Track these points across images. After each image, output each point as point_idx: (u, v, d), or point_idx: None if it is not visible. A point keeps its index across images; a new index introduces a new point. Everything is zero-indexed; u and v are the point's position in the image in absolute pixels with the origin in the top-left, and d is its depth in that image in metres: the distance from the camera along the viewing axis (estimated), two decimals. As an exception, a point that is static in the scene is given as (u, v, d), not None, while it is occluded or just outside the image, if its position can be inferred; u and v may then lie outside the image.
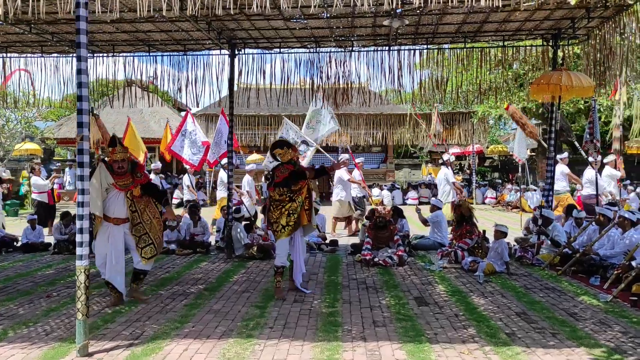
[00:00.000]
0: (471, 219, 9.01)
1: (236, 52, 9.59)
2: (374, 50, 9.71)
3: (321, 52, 9.69)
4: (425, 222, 10.24)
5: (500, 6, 5.96)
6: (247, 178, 13.15)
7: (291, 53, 9.73)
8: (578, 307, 6.03)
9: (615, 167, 12.43)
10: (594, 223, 8.34)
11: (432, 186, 22.75)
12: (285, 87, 9.87)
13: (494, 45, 9.89)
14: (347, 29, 8.76)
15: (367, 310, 5.93)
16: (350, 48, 9.61)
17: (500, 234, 8.13)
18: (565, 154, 13.15)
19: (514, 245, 9.43)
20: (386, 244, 8.95)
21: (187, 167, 13.18)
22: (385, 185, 22.43)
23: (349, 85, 10.06)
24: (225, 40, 9.22)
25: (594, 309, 5.92)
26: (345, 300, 6.39)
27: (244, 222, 9.90)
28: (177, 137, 12.82)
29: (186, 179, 13.50)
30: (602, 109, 18.12)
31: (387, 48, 9.63)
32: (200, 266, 8.66)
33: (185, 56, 9.91)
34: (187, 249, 9.79)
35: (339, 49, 9.66)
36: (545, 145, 13.83)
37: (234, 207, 9.65)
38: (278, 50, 9.65)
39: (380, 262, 8.49)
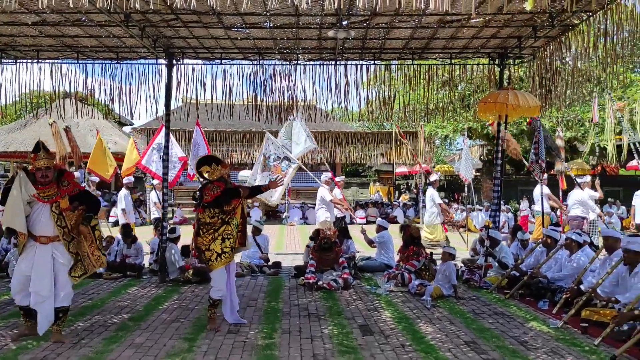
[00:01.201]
0: (419, 240, 8.71)
1: (174, 62, 9.02)
2: (319, 64, 9.38)
3: (265, 64, 9.28)
4: (371, 242, 9.89)
5: (449, 20, 5.71)
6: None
7: (233, 64, 9.27)
8: (528, 334, 5.76)
9: (592, 188, 12.37)
10: (541, 245, 8.20)
11: (379, 205, 22.59)
12: (228, 101, 9.39)
13: (441, 63, 9.74)
14: (291, 40, 8.39)
15: (307, 341, 5.45)
16: (296, 61, 9.24)
17: (448, 256, 7.85)
18: (545, 176, 13.15)
19: (461, 267, 9.19)
20: (331, 266, 8.52)
21: (156, 182, 12.40)
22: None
23: (294, 101, 9.67)
24: (162, 49, 8.65)
25: (545, 336, 5.66)
26: (284, 330, 5.89)
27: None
28: (147, 151, 12.04)
29: (153, 196, 12.66)
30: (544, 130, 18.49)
31: (333, 62, 9.32)
32: (128, 292, 7.95)
33: (118, 65, 9.26)
34: (117, 273, 9.03)
35: (284, 62, 9.27)
36: (526, 164, 13.86)
37: (169, 227, 8.99)
38: (219, 61, 9.16)
39: (325, 285, 8.03)
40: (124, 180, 12.91)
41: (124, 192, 12.48)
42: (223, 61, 9.15)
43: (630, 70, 8.05)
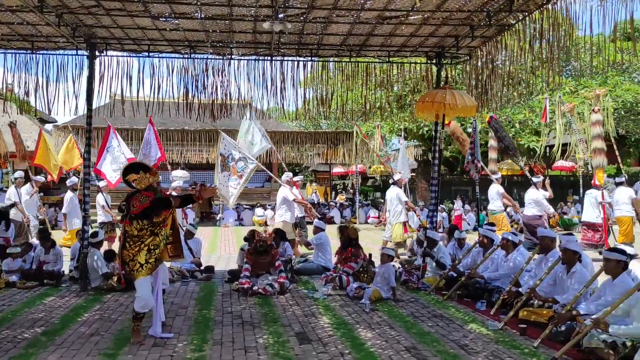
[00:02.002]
0: (357, 242, 8.51)
1: (97, 54, 8.38)
2: (255, 60, 8.99)
3: (196, 58, 8.78)
4: (308, 244, 9.61)
5: (387, 17, 5.51)
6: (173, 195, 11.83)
7: (162, 58, 8.72)
8: (468, 337, 5.65)
9: (543, 187, 12.53)
10: (477, 245, 8.19)
11: (316, 205, 22.38)
12: (157, 97, 8.85)
13: (378, 61, 9.59)
14: (225, 33, 7.97)
15: (240, 352, 5.09)
16: (229, 56, 8.81)
17: (387, 257, 7.68)
18: (499, 174, 13.24)
19: (399, 268, 9.07)
20: (267, 270, 8.16)
21: (103, 184, 11.58)
22: (269, 205, 21.67)
23: (228, 97, 9.24)
24: (83, 39, 8.01)
25: (485, 339, 5.56)
26: (216, 340, 5.49)
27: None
28: (102, 154, 11.19)
29: (100, 198, 11.79)
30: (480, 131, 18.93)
31: (269, 58, 8.96)
32: (44, 302, 7.26)
33: (34, 55, 8.50)
34: (32, 281, 8.28)
35: (217, 57, 8.82)
36: (483, 168, 13.92)
37: (90, 231, 8.34)
38: (147, 54, 8.59)
39: (260, 290, 7.67)
40: (68, 183, 12.08)
41: (69, 194, 11.60)
42: (151, 54, 8.60)
43: (557, 74, 8.15)
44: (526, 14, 7.05)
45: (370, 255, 8.70)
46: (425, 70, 9.87)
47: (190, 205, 19.26)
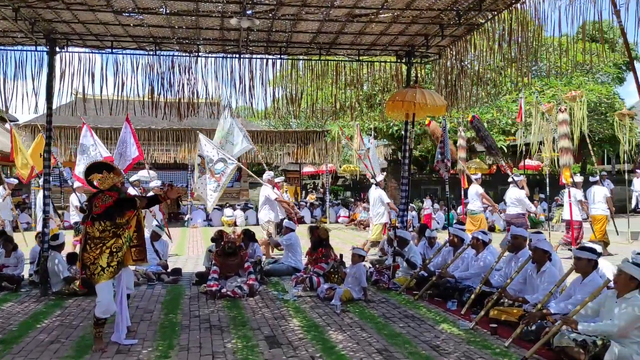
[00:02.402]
0: (327, 242, 8.41)
1: (57, 50, 8.07)
2: (222, 57, 8.80)
3: (162, 55, 8.55)
4: (277, 245, 9.48)
5: (357, 14, 5.42)
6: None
7: (126, 54, 8.45)
8: (440, 337, 5.60)
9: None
10: (448, 244, 8.18)
11: (286, 205, 22.21)
12: (120, 94, 8.57)
13: (348, 60, 9.50)
14: (191, 29, 7.76)
15: (208, 358, 4.94)
16: (196, 53, 8.60)
17: (358, 257, 7.60)
18: (479, 175, 13.23)
19: (369, 268, 9.01)
20: (236, 272, 7.99)
21: (77, 185, 11.19)
22: (238, 205, 21.46)
23: (196, 96, 9.02)
24: (42, 35, 7.70)
25: (456, 339, 5.52)
26: (182, 346, 5.32)
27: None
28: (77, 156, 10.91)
29: (74, 199, 11.40)
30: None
31: (237, 56, 8.78)
32: (2, 308, 6.95)
33: (-11, 50, 8.15)
34: (-10, 286, 7.94)
35: (183, 54, 8.60)
36: (462, 166, 13.90)
37: (51, 234, 8.03)
38: (110, 50, 8.32)
39: (229, 293, 7.50)
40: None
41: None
42: (114, 50, 8.32)
43: (524, 74, 8.22)
44: (495, 13, 7.06)
45: (341, 255, 8.62)
46: (395, 69, 9.84)
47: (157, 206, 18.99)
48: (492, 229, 17.47)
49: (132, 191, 11.26)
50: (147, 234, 11.00)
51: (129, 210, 5.30)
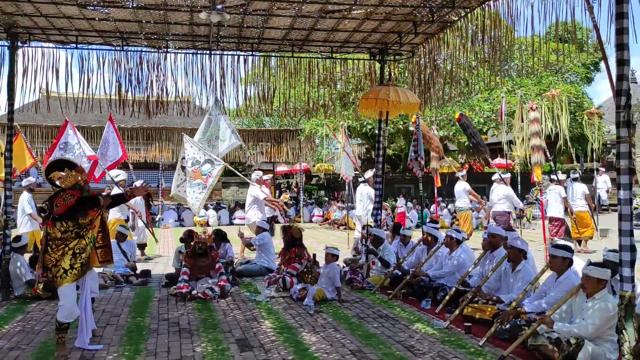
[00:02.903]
0: (301, 242, 8.30)
1: (19, 45, 7.76)
2: (193, 54, 8.61)
3: (129, 51, 8.30)
4: (249, 245, 9.32)
5: (330, 10, 5.32)
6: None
7: (92, 50, 8.19)
8: (414, 337, 5.53)
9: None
10: (422, 243, 8.15)
11: (260, 205, 22.01)
12: (86, 91, 8.30)
13: (321, 57, 9.40)
14: (160, 24, 7.54)
15: (176, 363, 4.76)
16: (165, 49, 8.38)
17: (332, 257, 7.49)
18: (464, 172, 13.20)
19: (343, 267, 8.93)
20: (207, 273, 7.81)
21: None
22: (210, 205, 21.15)
23: (165, 93, 8.80)
24: (3, 29, 7.39)
25: (430, 339, 5.46)
26: (150, 350, 5.13)
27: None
28: (53, 151, 10.47)
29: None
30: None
31: (207, 52, 8.59)
32: (-40, 314, 6.65)
33: (-54, 45, 7.79)
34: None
35: (152, 49, 8.37)
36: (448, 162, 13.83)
37: (12, 236, 7.71)
38: (75, 45, 8.04)
39: (199, 295, 7.32)
40: (24, 182, 11.27)
41: (26, 195, 10.78)
42: (79, 45, 8.05)
43: (495, 73, 8.26)
44: (468, 10, 7.03)
45: (314, 255, 8.51)
46: (368, 67, 9.78)
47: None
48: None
49: (117, 191, 11.01)
50: (135, 237, 10.82)
51: (92, 210, 5.09)
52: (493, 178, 12.08)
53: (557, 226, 11.60)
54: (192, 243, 7.96)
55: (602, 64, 28.08)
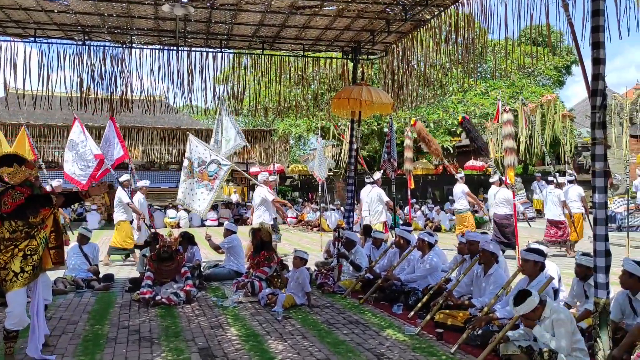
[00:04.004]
0: (270, 245, 8.06)
1: (-27, 37, 7.38)
2: (159, 50, 8.30)
3: (92, 46, 7.96)
4: (217, 248, 9.05)
5: (301, 6, 5.11)
6: (138, 197, 10.93)
7: (52, 44, 7.82)
8: (385, 344, 5.35)
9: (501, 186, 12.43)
10: (394, 246, 7.98)
11: (232, 206, 21.70)
12: (46, 87, 7.93)
13: (293, 55, 9.18)
14: (123, 18, 7.24)
15: (133, 375, 4.49)
16: (129, 44, 8.07)
17: (300, 261, 7.25)
18: (463, 174, 13.06)
19: (314, 271, 8.71)
20: (172, 277, 7.51)
21: (56, 184, 10.37)
22: (181, 206, 20.69)
23: (130, 90, 8.48)
24: (-44, 20, 7.01)
25: (401, 346, 5.28)
26: (105, 362, 4.84)
27: None
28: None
29: None
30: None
31: (174, 48, 8.30)
32: None
33: None
34: None
35: (115, 44, 8.05)
36: (445, 163, 13.68)
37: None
38: (33, 39, 7.67)
39: (164, 300, 7.03)
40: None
41: None
42: (38, 39, 7.68)
43: (468, 75, 8.17)
44: (442, 9, 6.90)
45: (281, 260, 8.27)
46: (341, 66, 9.60)
47: (95, 207, 18.08)
48: (437, 229, 17.56)
49: (121, 192, 10.71)
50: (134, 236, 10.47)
51: (44, 208, 4.78)
52: (491, 180, 12.02)
53: (562, 229, 11.57)
54: (157, 246, 7.65)
55: (574, 68, 28.53)
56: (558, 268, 6.44)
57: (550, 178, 13.62)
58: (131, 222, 10.84)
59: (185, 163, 9.63)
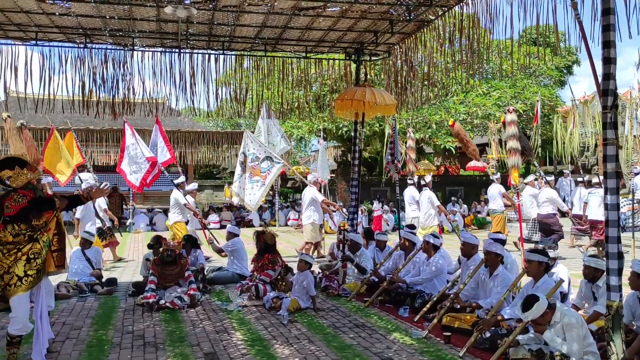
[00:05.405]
0: (274, 248, 8.00)
1: (-26, 41, 7.34)
2: (161, 52, 8.25)
3: (94, 48, 7.92)
4: (220, 251, 8.99)
5: (304, 7, 5.06)
6: (190, 199, 11.03)
7: (53, 47, 7.77)
8: (392, 348, 5.29)
9: (535, 187, 12.37)
10: (398, 248, 7.92)
11: (234, 208, 21.63)
12: (47, 90, 7.88)
13: (295, 56, 9.12)
14: (125, 20, 7.19)
15: (138, 382, 4.43)
16: (131, 46, 8.02)
17: (305, 264, 7.20)
18: (499, 174, 13.03)
19: (318, 274, 8.65)
20: (175, 281, 7.45)
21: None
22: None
23: (132, 93, 8.43)
24: (-44, 24, 6.97)
25: (409, 350, 5.23)
26: (110, 368, 4.79)
27: None
28: (124, 154, 10.41)
29: (102, 202, 10.60)
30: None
31: (176, 50, 8.25)
32: None
33: None
34: None
35: (117, 47, 8.00)
36: (487, 168, 13.65)
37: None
38: (34, 42, 7.62)
39: (168, 304, 6.97)
40: (83, 186, 10.83)
41: None
42: (39, 42, 7.63)
43: (471, 76, 8.11)
44: (446, 9, 6.84)
45: (286, 265, 8.22)
46: (344, 67, 9.55)
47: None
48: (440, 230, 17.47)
49: (177, 193, 10.80)
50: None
51: (47, 211, 4.73)
52: (525, 181, 11.97)
53: (601, 230, 11.50)
54: (160, 250, 7.60)
55: (575, 68, 28.46)
56: (568, 271, 6.39)
57: (579, 178, 13.53)
58: (186, 223, 10.87)
59: (241, 158, 9.87)
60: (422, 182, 11.82)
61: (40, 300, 4.89)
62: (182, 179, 11.18)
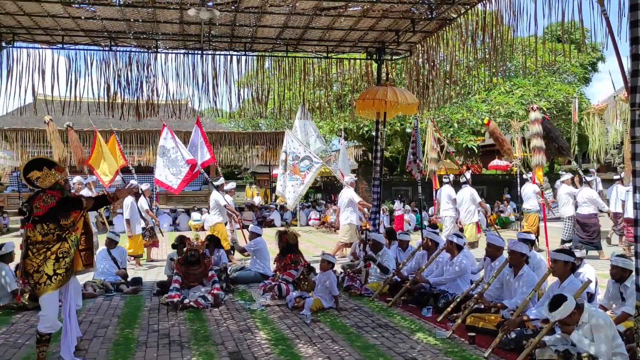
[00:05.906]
0: (297, 247, 8.03)
1: (3, 45, 7.50)
2: (184, 54, 8.34)
3: (118, 51, 8.03)
4: (243, 251, 9.04)
5: (325, 7, 5.07)
6: (228, 199, 11.06)
7: (79, 50, 7.91)
8: (416, 348, 5.27)
9: (573, 185, 12.28)
10: (422, 248, 7.88)
11: (255, 208, 21.74)
12: (73, 93, 8.03)
13: (317, 56, 9.14)
14: (148, 23, 7.28)
15: (164, 380, 4.49)
16: (155, 49, 8.11)
17: (327, 264, 7.21)
18: (531, 174, 13.01)
19: (341, 273, 8.65)
20: (199, 281, 7.53)
21: (145, 187, 10.92)
22: (206, 209, 20.82)
23: (155, 94, 8.53)
24: (-15, 28, 7.13)
25: (433, 350, 5.20)
26: (137, 366, 4.86)
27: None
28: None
29: (143, 202, 10.92)
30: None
31: (199, 52, 8.32)
32: (-60, 327, 6.35)
33: None
34: None
35: (141, 49, 8.10)
36: (519, 168, 13.67)
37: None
38: (61, 45, 7.76)
39: (192, 304, 7.04)
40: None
41: (129, 199, 10.62)
42: (65, 45, 7.78)
43: (495, 74, 8.02)
44: (468, 7, 6.79)
45: (309, 264, 8.23)
46: (365, 67, 9.53)
47: (122, 211, 18.24)
48: (462, 229, 17.31)
49: (217, 195, 10.79)
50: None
51: (74, 211, 4.82)
52: (562, 179, 11.82)
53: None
54: (184, 250, 7.68)
55: (600, 65, 27.96)
56: (595, 271, 6.29)
57: (616, 176, 13.28)
58: (225, 224, 10.99)
59: (282, 157, 10.10)
60: (462, 180, 11.76)
61: (69, 298, 4.99)
62: (221, 180, 11.27)
